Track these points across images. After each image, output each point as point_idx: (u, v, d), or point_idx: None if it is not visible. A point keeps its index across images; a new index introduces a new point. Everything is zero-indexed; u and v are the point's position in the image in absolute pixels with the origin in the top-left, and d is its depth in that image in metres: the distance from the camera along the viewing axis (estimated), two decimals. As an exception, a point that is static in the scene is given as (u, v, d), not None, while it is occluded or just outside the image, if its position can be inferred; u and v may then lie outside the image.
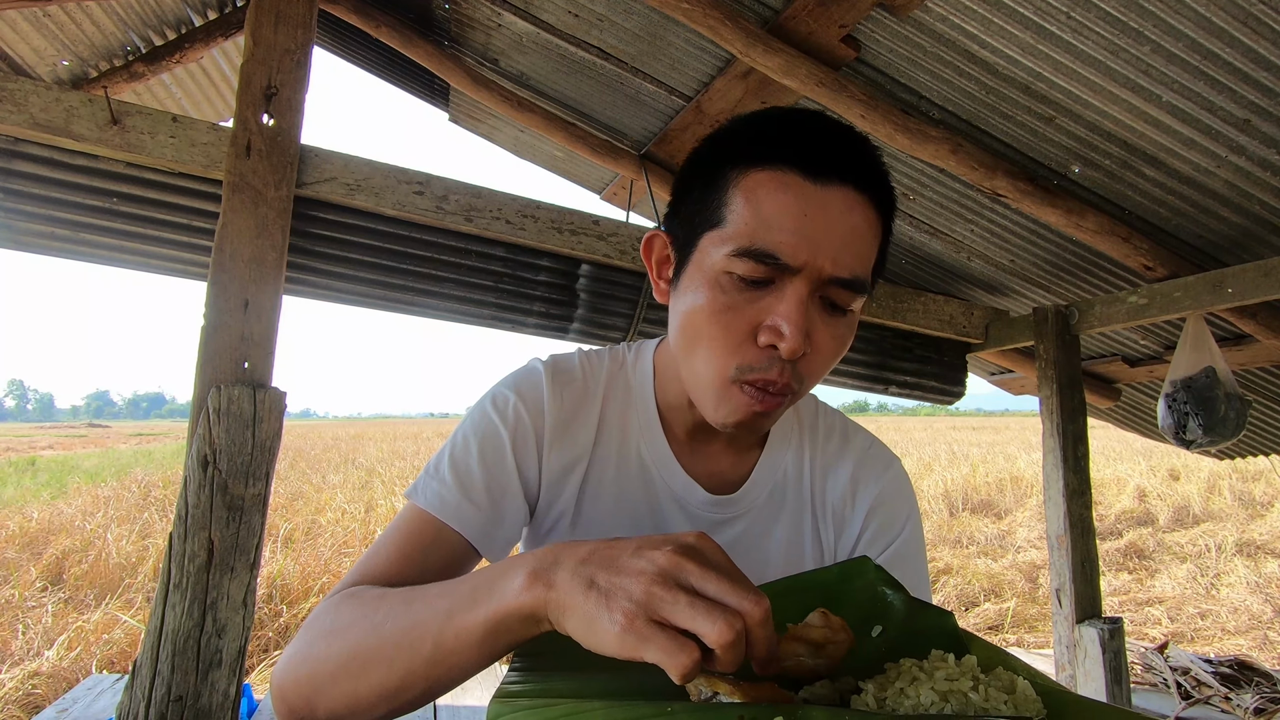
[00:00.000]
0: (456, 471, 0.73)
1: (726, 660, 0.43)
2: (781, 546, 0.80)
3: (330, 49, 3.40)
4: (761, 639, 0.44)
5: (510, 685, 0.50)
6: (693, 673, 0.42)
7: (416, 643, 0.53)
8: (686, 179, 0.71)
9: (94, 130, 1.72)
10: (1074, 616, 2.50)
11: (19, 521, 7.26)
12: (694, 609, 0.43)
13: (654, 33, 2.18)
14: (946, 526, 8.69)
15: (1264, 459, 3.90)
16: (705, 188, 0.67)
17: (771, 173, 0.63)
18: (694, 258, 0.67)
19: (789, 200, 0.61)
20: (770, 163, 0.63)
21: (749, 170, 0.64)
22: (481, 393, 0.81)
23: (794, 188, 0.62)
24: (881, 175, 0.66)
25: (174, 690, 1.55)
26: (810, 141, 0.64)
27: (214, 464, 1.62)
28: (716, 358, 0.65)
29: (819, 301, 0.64)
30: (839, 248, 0.62)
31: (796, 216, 0.61)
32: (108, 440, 31.40)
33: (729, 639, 0.42)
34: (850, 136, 0.66)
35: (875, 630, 0.57)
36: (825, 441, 0.84)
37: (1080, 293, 2.85)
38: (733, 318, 0.63)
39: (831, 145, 0.64)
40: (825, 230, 0.61)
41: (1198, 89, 1.71)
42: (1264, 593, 5.88)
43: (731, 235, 0.63)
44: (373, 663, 0.55)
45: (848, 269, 0.62)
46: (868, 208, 0.64)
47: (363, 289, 2.07)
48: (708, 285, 0.64)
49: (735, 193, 0.64)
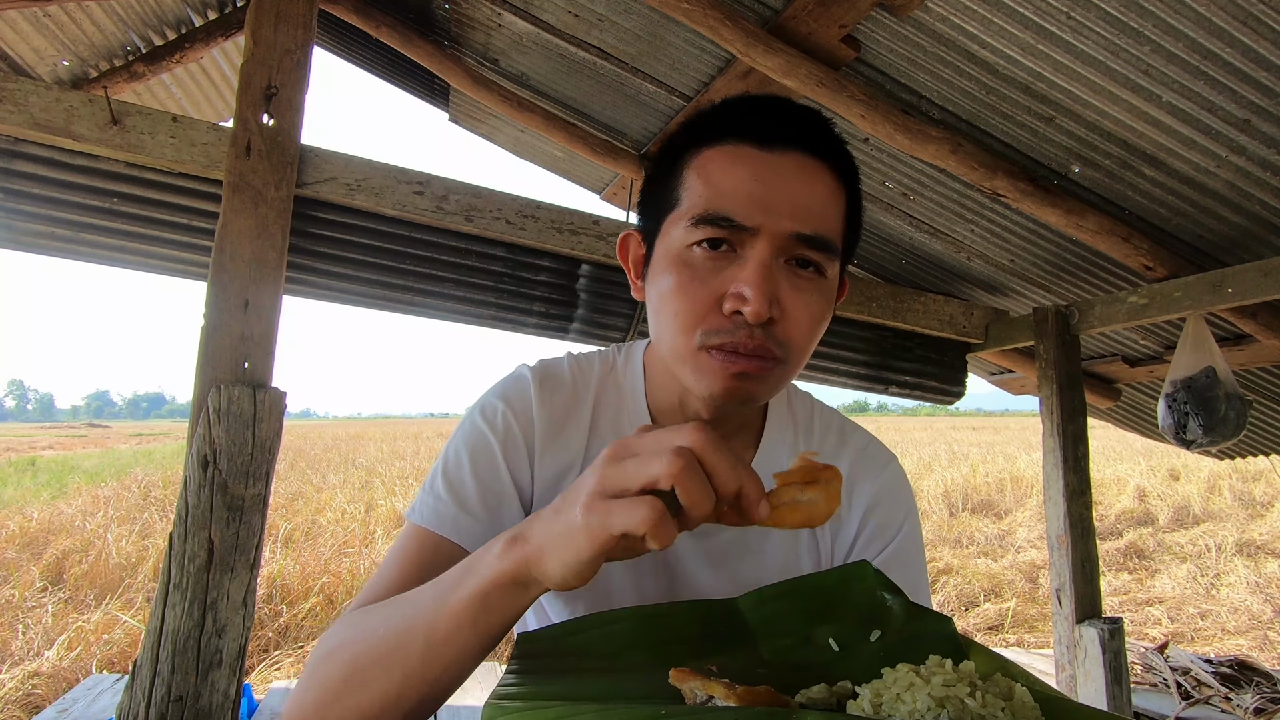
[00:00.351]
0: (451, 485, 0.73)
1: (692, 497, 0.44)
2: (777, 548, 0.79)
3: (330, 49, 3.40)
4: (721, 465, 0.45)
5: (506, 688, 0.50)
6: (664, 528, 0.43)
7: (410, 640, 0.53)
8: (650, 175, 0.73)
9: (94, 130, 1.71)
10: (1074, 616, 2.50)
11: (19, 521, 7.26)
12: (639, 461, 0.45)
13: (654, 33, 2.18)
14: (946, 526, 8.69)
15: (1264, 459, 3.90)
16: (665, 176, 0.70)
17: (723, 148, 0.65)
18: (659, 244, 0.69)
19: (741, 168, 0.64)
20: (722, 139, 0.65)
21: (702, 149, 0.66)
22: (479, 395, 0.81)
23: (745, 156, 0.64)
24: (836, 144, 0.68)
25: (174, 690, 1.55)
26: (760, 115, 0.66)
27: (214, 464, 1.62)
28: (684, 330, 0.65)
29: (787, 266, 0.65)
30: (797, 205, 0.63)
31: (749, 180, 0.63)
32: (108, 440, 31.41)
33: (679, 467, 0.43)
34: (801, 109, 0.68)
35: (874, 635, 0.57)
36: (821, 440, 0.83)
37: (1080, 293, 2.85)
38: (697, 289, 0.64)
39: (781, 116, 0.66)
40: (781, 190, 0.63)
41: (1198, 89, 1.71)
42: (1264, 593, 5.88)
43: (689, 209, 0.65)
44: (372, 671, 0.54)
45: (809, 225, 0.63)
46: (825, 172, 0.66)
47: (363, 289, 2.07)
48: (673, 265, 0.66)
49: (690, 172, 0.66)
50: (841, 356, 2.83)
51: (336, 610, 5.00)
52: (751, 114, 0.66)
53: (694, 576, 0.77)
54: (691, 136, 0.69)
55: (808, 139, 0.65)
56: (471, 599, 0.51)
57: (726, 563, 0.77)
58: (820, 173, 0.65)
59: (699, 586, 0.77)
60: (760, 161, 0.64)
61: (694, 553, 0.77)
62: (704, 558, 0.77)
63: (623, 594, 0.76)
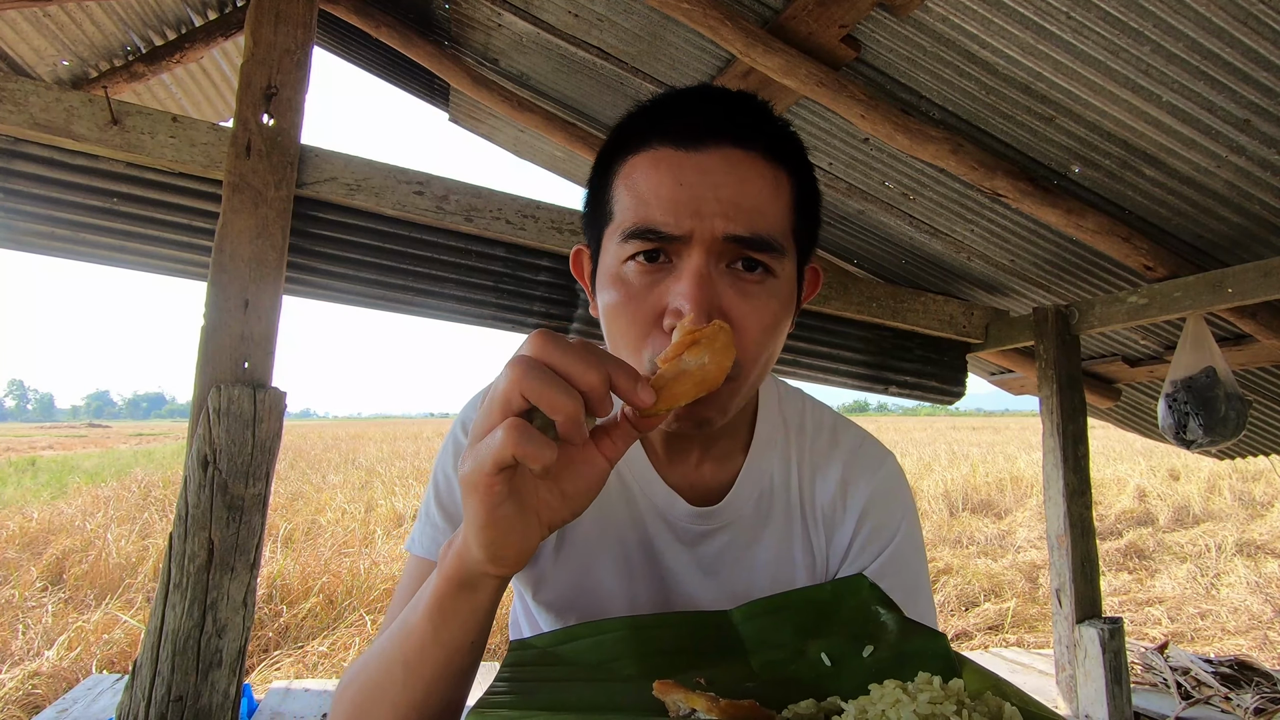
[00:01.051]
0: (445, 511, 0.72)
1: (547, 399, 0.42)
2: (770, 555, 0.76)
3: (330, 49, 3.40)
4: (571, 360, 0.43)
5: (492, 696, 0.50)
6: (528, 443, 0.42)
7: (393, 668, 0.54)
8: (587, 188, 0.71)
9: (94, 130, 1.71)
10: (1074, 616, 2.50)
11: (19, 521, 7.26)
12: (491, 396, 0.45)
13: (654, 33, 2.18)
14: (946, 526, 8.69)
15: (1264, 459, 3.90)
16: (599, 189, 0.67)
17: (645, 154, 0.62)
18: (601, 260, 0.66)
19: (664, 173, 0.60)
20: (643, 145, 0.62)
21: (626, 158, 0.63)
22: (459, 409, 0.80)
23: (667, 161, 0.61)
24: (772, 129, 0.64)
25: (174, 690, 1.55)
26: (677, 114, 0.62)
27: (214, 464, 1.62)
28: (631, 351, 0.62)
29: (730, 271, 0.61)
30: (728, 205, 0.59)
31: (671, 186, 0.59)
32: (108, 440, 31.41)
33: (518, 374, 0.43)
34: (728, 97, 0.64)
35: (867, 651, 0.57)
36: (813, 441, 0.79)
37: (1080, 293, 2.84)
38: (636, 308, 0.61)
39: (701, 111, 0.62)
40: (708, 192, 0.59)
41: (1198, 89, 1.71)
42: (1264, 593, 5.88)
43: (620, 224, 0.62)
44: (370, 708, 0.56)
45: (744, 225, 0.59)
46: (759, 162, 0.61)
47: (363, 289, 2.07)
48: (612, 282, 0.63)
49: (618, 183, 0.64)
50: (841, 356, 2.83)
51: (336, 610, 5.00)
52: (672, 113, 0.63)
53: (686, 586, 0.75)
54: (617, 144, 0.65)
55: (736, 130, 0.61)
56: (429, 613, 0.52)
57: (719, 571, 0.75)
58: (754, 164, 0.61)
59: (691, 595, 0.75)
60: (683, 163, 0.60)
61: (685, 561, 0.75)
62: (695, 567, 0.75)
63: (614, 604, 0.75)
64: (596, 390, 0.43)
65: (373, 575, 5.53)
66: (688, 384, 0.47)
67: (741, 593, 0.74)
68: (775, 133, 0.64)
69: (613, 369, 0.44)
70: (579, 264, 0.75)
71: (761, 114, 0.64)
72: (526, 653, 0.58)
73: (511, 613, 0.89)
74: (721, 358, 0.47)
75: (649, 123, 0.64)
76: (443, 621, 0.52)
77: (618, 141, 0.66)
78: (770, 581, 0.75)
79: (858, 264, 3.28)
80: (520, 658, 0.57)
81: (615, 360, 0.45)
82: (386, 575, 5.55)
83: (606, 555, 0.75)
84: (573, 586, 0.75)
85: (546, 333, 0.45)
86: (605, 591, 0.75)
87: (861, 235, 3.00)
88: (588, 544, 0.75)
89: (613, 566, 0.75)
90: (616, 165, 0.65)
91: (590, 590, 0.75)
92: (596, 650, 0.58)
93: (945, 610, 5.67)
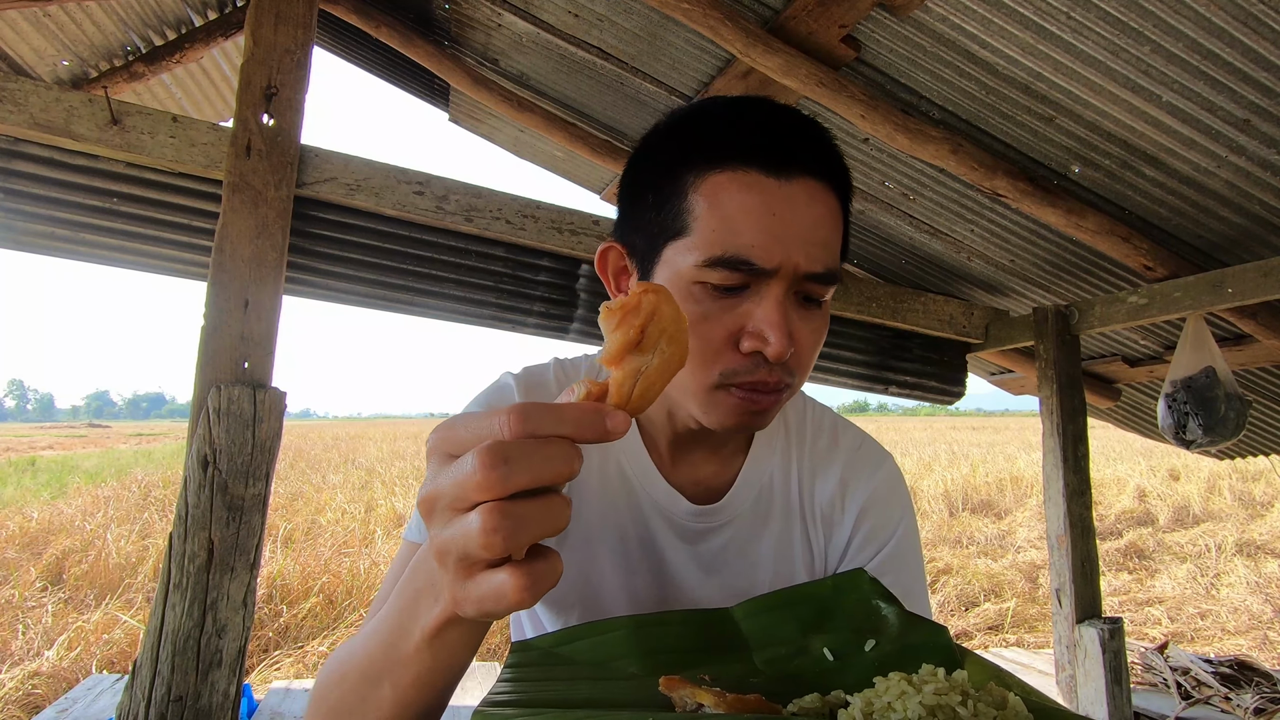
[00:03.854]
0: None
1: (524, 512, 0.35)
2: (770, 554, 0.77)
3: (330, 49, 3.41)
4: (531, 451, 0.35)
5: (496, 695, 0.50)
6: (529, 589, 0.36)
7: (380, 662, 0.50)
8: (636, 184, 0.68)
9: (94, 130, 1.72)
10: (1074, 616, 2.50)
11: (19, 521, 7.26)
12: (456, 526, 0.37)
13: (654, 33, 2.18)
14: (946, 526, 8.69)
15: (1264, 459, 3.90)
16: (661, 193, 0.64)
17: (732, 173, 0.60)
18: (658, 269, 0.64)
19: (755, 201, 0.59)
20: (729, 162, 0.60)
21: (707, 173, 0.61)
22: (463, 404, 0.79)
23: (757, 187, 0.60)
24: (838, 160, 0.65)
25: (174, 690, 1.55)
26: (766, 135, 0.61)
27: (214, 464, 1.62)
28: (698, 368, 0.63)
29: (794, 298, 0.63)
30: (809, 242, 0.60)
31: (764, 217, 0.59)
32: (108, 440, 31.41)
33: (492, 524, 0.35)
34: (805, 124, 0.64)
35: (869, 645, 0.57)
36: (813, 442, 0.80)
37: (1080, 293, 2.85)
38: (710, 327, 0.61)
39: (788, 136, 0.62)
40: (794, 227, 0.60)
41: (1198, 89, 1.71)
42: (1264, 593, 5.88)
43: (699, 244, 0.60)
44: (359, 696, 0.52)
45: (821, 263, 0.61)
46: (829, 195, 0.63)
47: (363, 289, 2.07)
48: (681, 299, 0.61)
49: (696, 198, 0.61)
50: (841, 356, 2.83)
51: (336, 610, 5.00)
52: (760, 131, 0.61)
53: (687, 584, 0.76)
54: (691, 150, 0.63)
55: (816, 160, 0.62)
56: (420, 644, 0.47)
57: (719, 569, 0.76)
58: (828, 199, 0.62)
59: (692, 594, 0.76)
60: (774, 193, 0.60)
61: (686, 559, 0.76)
62: (696, 565, 0.76)
63: (616, 603, 0.75)
64: (574, 474, 0.36)
65: (373, 575, 5.53)
66: (656, 379, 0.41)
67: (742, 591, 0.74)
68: (838, 163, 0.65)
69: (573, 430, 0.36)
70: (606, 260, 0.71)
71: (832, 144, 0.65)
72: (529, 653, 0.58)
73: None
74: (677, 333, 0.41)
75: (733, 137, 0.62)
76: (418, 617, 0.47)
77: (690, 148, 0.63)
78: (770, 579, 0.76)
79: (858, 264, 3.28)
80: (522, 658, 0.57)
81: (570, 418, 0.36)
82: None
83: (608, 553, 0.75)
84: (575, 584, 0.75)
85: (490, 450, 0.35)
86: (607, 589, 0.75)
87: (861, 235, 3.00)
88: (590, 541, 0.75)
89: (614, 564, 0.75)
90: (692, 176, 0.62)
91: (592, 587, 0.75)
92: (599, 649, 0.58)
93: (945, 610, 5.67)
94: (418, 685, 0.49)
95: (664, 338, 0.41)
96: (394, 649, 0.49)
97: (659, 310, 0.40)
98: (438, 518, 0.38)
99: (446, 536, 0.37)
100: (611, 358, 0.40)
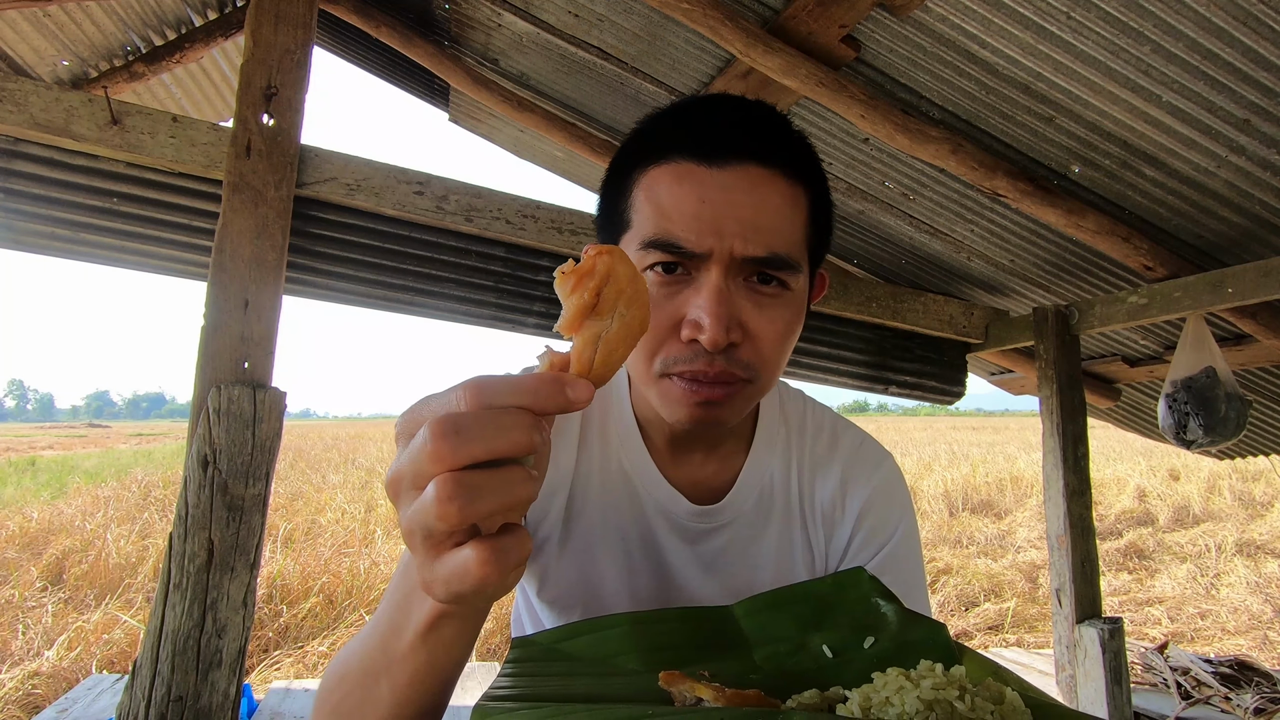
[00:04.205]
0: None
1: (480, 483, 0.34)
2: (771, 553, 0.77)
3: (330, 49, 3.41)
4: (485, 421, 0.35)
5: (497, 690, 0.50)
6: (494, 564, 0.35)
7: (379, 659, 0.51)
8: (602, 190, 0.71)
9: (94, 130, 1.72)
10: (1074, 616, 2.50)
11: (19, 521, 7.26)
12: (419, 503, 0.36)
13: (654, 33, 2.18)
14: (946, 526, 8.69)
15: (1264, 459, 3.90)
16: (614, 196, 0.67)
17: (667, 165, 0.62)
18: None
19: (686, 188, 0.61)
20: (666, 156, 0.63)
21: (647, 168, 0.64)
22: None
23: (690, 175, 0.61)
24: (791, 145, 0.65)
25: (174, 690, 1.55)
26: (703, 127, 0.63)
27: (214, 464, 1.62)
28: (642, 358, 0.64)
29: (747, 284, 0.62)
30: (748, 226, 0.60)
31: (695, 202, 0.60)
32: (108, 440, 31.41)
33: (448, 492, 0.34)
34: (750, 113, 0.64)
35: (868, 642, 0.57)
36: (814, 442, 0.80)
37: (1080, 293, 2.85)
38: (653, 315, 0.62)
39: (726, 126, 0.63)
40: (729, 212, 0.60)
41: (1198, 89, 1.71)
42: (1264, 593, 5.88)
43: (638, 233, 0.63)
44: (361, 693, 0.53)
45: (763, 246, 0.61)
46: (779, 181, 0.62)
47: (363, 289, 2.07)
48: None
49: (638, 193, 0.64)
50: (841, 356, 2.83)
51: (336, 610, 5.00)
52: (696, 124, 0.63)
53: (688, 584, 0.76)
54: (637, 151, 0.66)
55: (757, 147, 0.62)
56: (415, 641, 0.48)
57: (720, 568, 0.76)
58: (774, 183, 0.62)
59: (692, 592, 0.76)
60: (705, 180, 0.60)
61: (687, 558, 0.76)
62: (697, 564, 0.76)
63: (616, 600, 0.75)
64: (534, 445, 0.36)
65: (373, 575, 5.53)
66: (618, 344, 0.39)
67: (742, 589, 0.75)
68: (795, 149, 0.65)
69: (531, 401, 0.36)
70: None
71: (781, 129, 0.65)
72: (529, 649, 0.58)
73: (514, 610, 0.89)
74: (635, 294, 0.40)
75: (670, 132, 0.64)
76: (411, 614, 0.48)
77: (636, 149, 0.66)
78: (771, 579, 0.76)
79: (858, 264, 3.28)
80: (523, 654, 0.57)
81: (528, 388, 0.36)
82: (386, 575, 5.56)
83: (609, 552, 0.76)
84: (576, 583, 0.75)
85: (441, 420, 0.34)
86: (608, 588, 0.76)
87: (861, 235, 3.00)
88: (591, 541, 0.75)
89: (615, 563, 0.76)
90: (636, 174, 0.65)
91: (593, 587, 0.75)
92: (599, 646, 0.59)
93: (945, 610, 5.67)
94: (414, 683, 0.49)
95: (621, 300, 0.39)
96: (389, 648, 0.49)
97: (614, 271, 0.39)
98: (402, 499, 0.38)
99: (409, 515, 0.37)
100: (569, 324, 0.39)
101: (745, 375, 0.63)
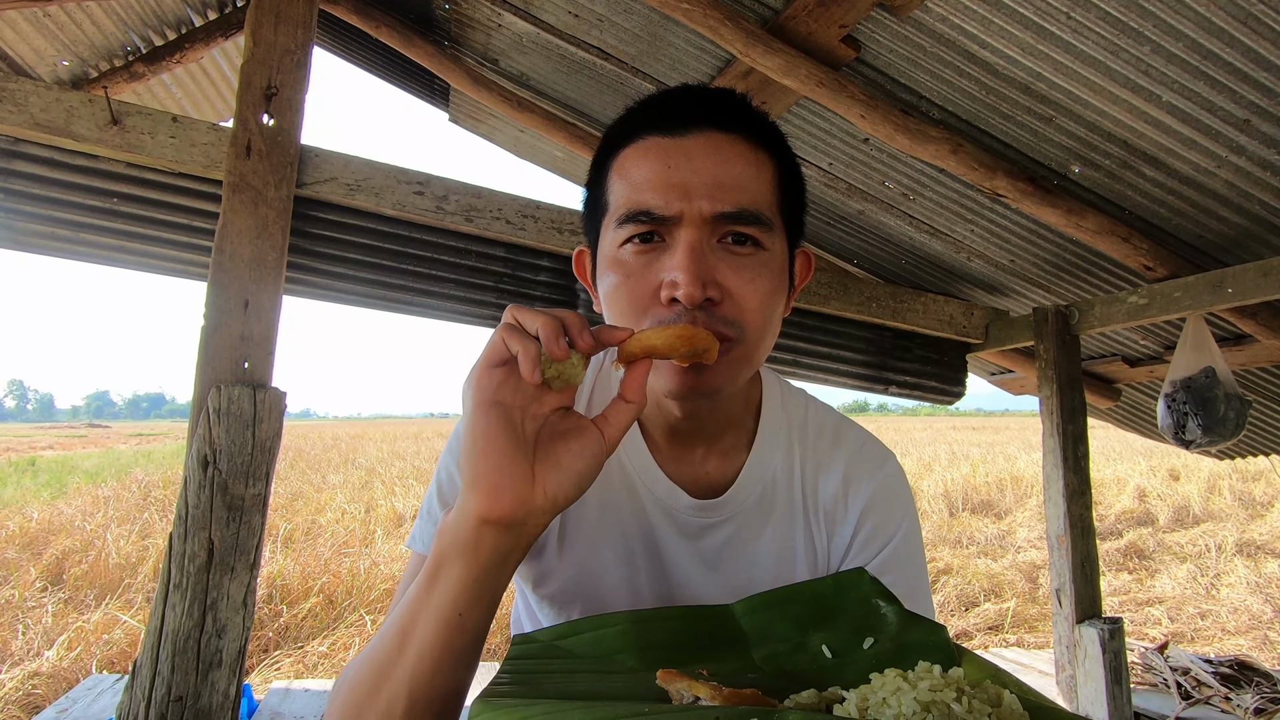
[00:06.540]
0: (446, 506, 0.73)
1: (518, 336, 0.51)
2: (772, 550, 0.77)
3: (330, 49, 3.41)
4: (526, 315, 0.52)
5: (496, 687, 0.50)
6: (515, 338, 0.51)
7: (390, 635, 0.55)
8: (585, 189, 0.75)
9: (94, 130, 1.72)
10: (1074, 616, 2.50)
11: (19, 521, 7.25)
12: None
13: (654, 33, 2.18)
14: (946, 526, 8.69)
15: (1264, 459, 3.90)
16: (594, 188, 0.72)
17: (634, 145, 0.67)
18: (599, 251, 0.71)
19: (652, 159, 0.65)
20: (633, 137, 0.67)
21: (618, 153, 0.68)
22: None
23: (655, 149, 0.65)
24: (750, 115, 0.68)
25: (174, 690, 1.55)
26: (663, 105, 0.68)
27: (214, 464, 1.62)
28: (630, 327, 0.65)
29: (722, 245, 0.65)
30: (714, 184, 0.63)
31: (660, 170, 0.64)
32: (108, 440, 31.42)
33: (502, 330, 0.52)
34: (710, 90, 0.69)
35: (868, 643, 0.57)
36: (817, 440, 0.80)
37: (1080, 293, 2.85)
38: (635, 285, 0.65)
39: (685, 101, 0.67)
40: (693, 173, 0.63)
41: (1198, 89, 1.71)
42: (1264, 593, 5.88)
43: (614, 211, 0.67)
44: (369, 676, 0.56)
45: (731, 202, 0.63)
46: (740, 144, 0.66)
47: (363, 289, 2.07)
48: (611, 266, 0.67)
49: (613, 177, 0.68)
50: (841, 356, 2.83)
51: (336, 610, 5.00)
52: (658, 105, 0.68)
53: (688, 579, 0.76)
54: (610, 144, 0.70)
55: (717, 115, 0.66)
56: (427, 576, 0.54)
57: (720, 564, 0.76)
58: (735, 145, 0.66)
59: (693, 590, 0.76)
60: (669, 148, 0.65)
61: (688, 556, 0.76)
62: (697, 560, 0.76)
63: (616, 596, 0.75)
64: (546, 329, 0.51)
65: (373, 575, 5.53)
66: (658, 341, 0.55)
67: (743, 586, 0.75)
68: (754, 119, 0.69)
69: (560, 315, 0.53)
70: (581, 265, 0.78)
71: (740, 103, 0.69)
72: (529, 646, 0.59)
73: (514, 610, 0.89)
74: (696, 346, 0.55)
75: (638, 116, 0.68)
76: (437, 585, 0.53)
77: (610, 141, 0.70)
78: (772, 576, 0.76)
79: (858, 264, 3.28)
80: (523, 651, 0.57)
81: (566, 312, 0.53)
82: (386, 575, 5.55)
83: (609, 548, 0.76)
84: (576, 579, 0.76)
85: (515, 306, 0.54)
86: (608, 584, 0.76)
87: (861, 235, 3.00)
88: (591, 537, 0.76)
89: (615, 559, 0.76)
90: (609, 161, 0.69)
91: (593, 583, 0.76)
92: (599, 643, 0.59)
93: (945, 610, 5.67)
94: (433, 666, 0.53)
95: (685, 347, 0.56)
96: (405, 631, 0.54)
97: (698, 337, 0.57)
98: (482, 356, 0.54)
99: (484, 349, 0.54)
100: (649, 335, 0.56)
101: (730, 333, 0.64)
